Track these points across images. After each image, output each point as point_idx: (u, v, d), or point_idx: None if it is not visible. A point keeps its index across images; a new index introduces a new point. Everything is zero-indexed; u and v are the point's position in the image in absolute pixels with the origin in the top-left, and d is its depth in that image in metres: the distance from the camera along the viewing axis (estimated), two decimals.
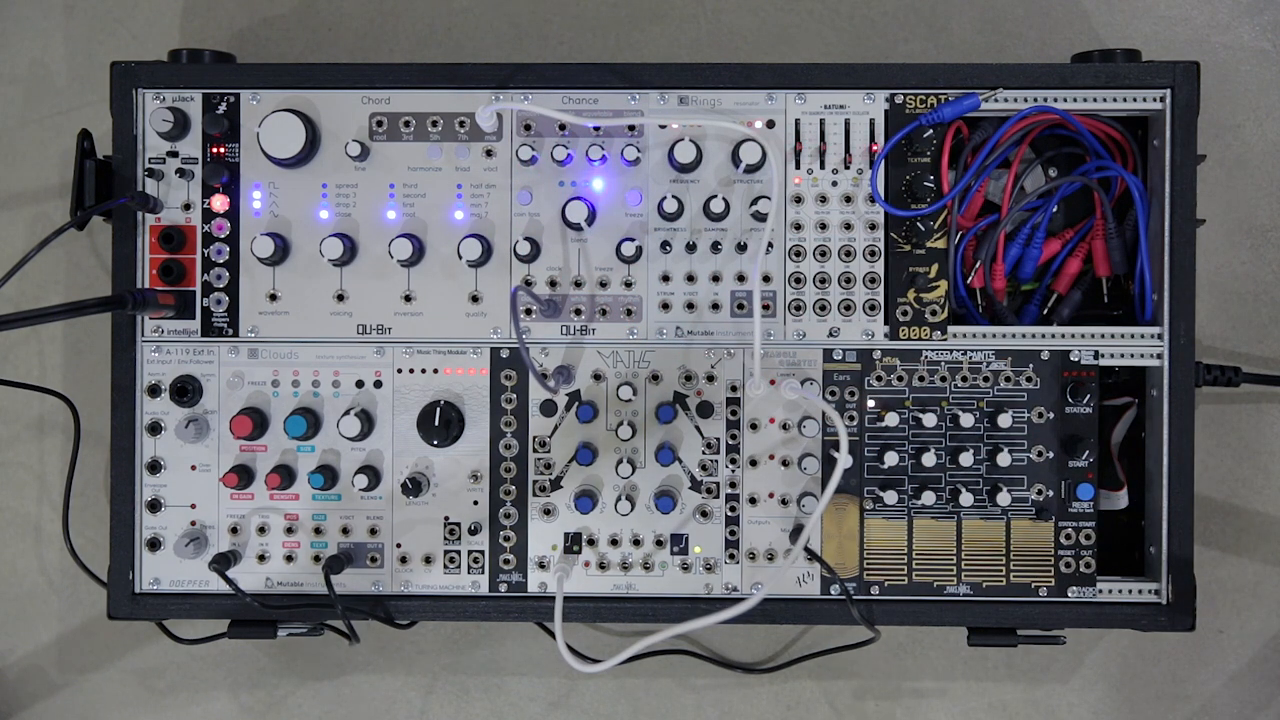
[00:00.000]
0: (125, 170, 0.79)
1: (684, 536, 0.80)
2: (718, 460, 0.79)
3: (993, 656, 0.91)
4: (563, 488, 0.79)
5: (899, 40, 0.92)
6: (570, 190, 0.79)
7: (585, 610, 0.79)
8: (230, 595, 0.78)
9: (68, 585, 0.92)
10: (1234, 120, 0.91)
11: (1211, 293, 0.91)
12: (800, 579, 0.79)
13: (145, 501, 0.80)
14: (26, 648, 0.93)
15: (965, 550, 0.79)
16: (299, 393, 0.80)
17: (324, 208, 0.79)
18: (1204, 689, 0.91)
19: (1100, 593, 0.78)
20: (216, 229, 0.79)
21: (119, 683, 0.92)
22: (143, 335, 0.79)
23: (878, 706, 0.91)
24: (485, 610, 0.79)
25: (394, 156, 0.79)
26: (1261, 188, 0.91)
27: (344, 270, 0.79)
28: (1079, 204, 0.82)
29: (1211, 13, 0.92)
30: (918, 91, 0.78)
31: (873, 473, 0.79)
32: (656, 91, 0.78)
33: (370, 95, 0.79)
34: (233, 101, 0.79)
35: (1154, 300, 0.78)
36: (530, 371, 0.78)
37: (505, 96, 0.78)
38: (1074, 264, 0.81)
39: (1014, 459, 0.78)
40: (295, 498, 0.80)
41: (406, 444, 0.79)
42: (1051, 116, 0.78)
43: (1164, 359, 0.77)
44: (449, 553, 0.80)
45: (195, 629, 0.85)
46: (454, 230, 0.79)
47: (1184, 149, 0.77)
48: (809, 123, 0.79)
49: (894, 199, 0.79)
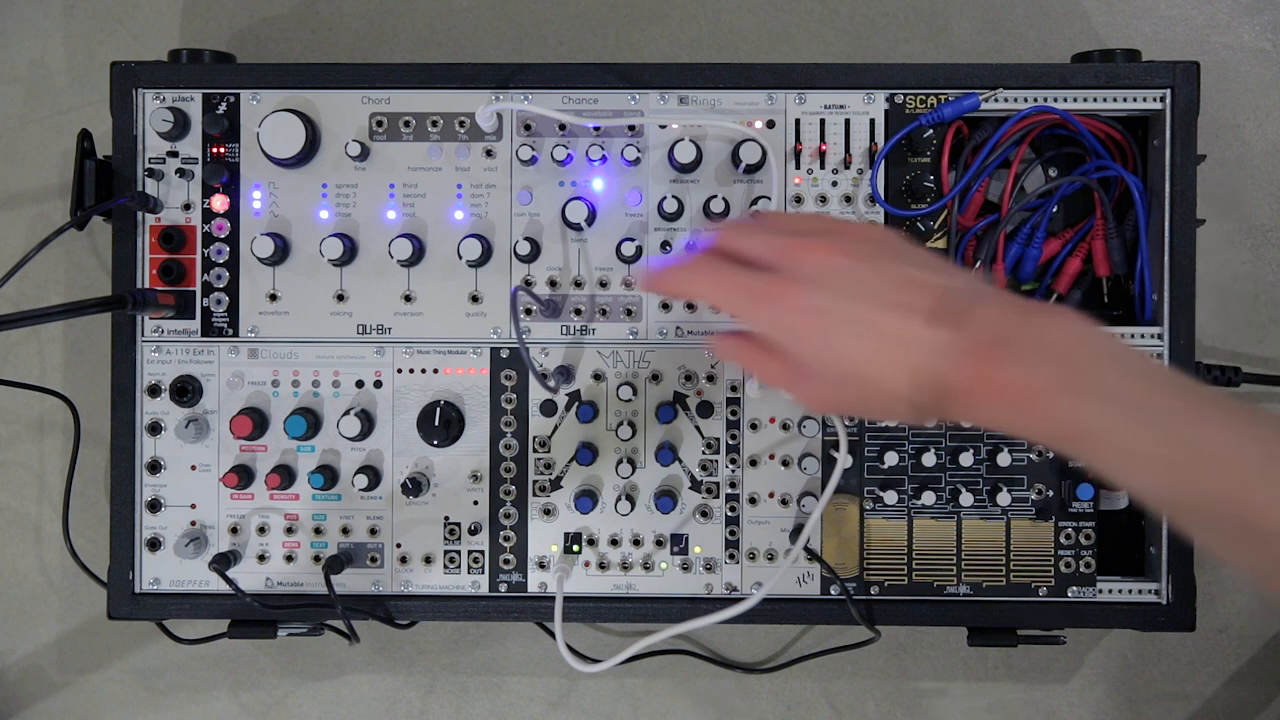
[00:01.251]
0: (125, 170, 0.79)
1: (684, 536, 0.80)
2: (718, 460, 0.79)
3: (993, 656, 0.91)
4: (563, 488, 0.79)
5: (899, 40, 0.92)
6: (570, 190, 0.79)
7: (585, 610, 0.79)
8: (230, 595, 0.78)
9: (68, 585, 0.92)
10: (1234, 120, 0.91)
11: (1211, 293, 0.91)
12: (800, 579, 0.79)
13: (145, 501, 0.80)
14: (26, 648, 0.93)
15: (965, 550, 0.79)
16: (299, 393, 0.80)
17: (324, 208, 0.79)
18: (1204, 689, 0.91)
19: (1100, 593, 0.79)
20: (216, 229, 0.79)
21: (119, 683, 0.92)
22: (143, 335, 0.79)
23: (878, 706, 0.91)
24: (485, 610, 0.79)
25: (394, 156, 0.79)
26: (1261, 188, 0.91)
27: (344, 270, 0.79)
28: (1079, 204, 0.82)
29: (1211, 13, 0.92)
30: (918, 91, 0.78)
31: (873, 473, 0.79)
32: (656, 91, 0.79)
33: (370, 95, 0.79)
34: (233, 101, 0.79)
35: (1154, 300, 0.78)
36: (530, 371, 0.78)
37: (505, 96, 0.78)
38: (1074, 264, 0.81)
39: (1014, 459, 0.78)
40: (295, 498, 0.80)
41: (406, 444, 0.79)
42: (1051, 116, 0.78)
43: (1164, 359, 0.77)
44: (449, 553, 0.80)
45: (195, 629, 0.85)
46: (454, 230, 0.79)
47: (1184, 149, 0.77)
48: (809, 123, 0.79)
49: (894, 199, 0.79)
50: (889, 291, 0.55)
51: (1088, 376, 0.50)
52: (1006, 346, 0.51)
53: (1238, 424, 0.48)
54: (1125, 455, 0.49)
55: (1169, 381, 0.50)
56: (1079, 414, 0.49)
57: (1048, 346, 0.51)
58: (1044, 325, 0.51)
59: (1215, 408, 0.48)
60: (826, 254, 0.57)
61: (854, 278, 0.56)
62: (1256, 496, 0.46)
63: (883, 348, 0.54)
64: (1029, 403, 0.50)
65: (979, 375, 0.51)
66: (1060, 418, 0.50)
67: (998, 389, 0.51)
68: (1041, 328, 0.51)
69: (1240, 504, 0.47)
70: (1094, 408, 0.49)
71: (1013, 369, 0.51)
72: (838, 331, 0.55)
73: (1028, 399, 0.50)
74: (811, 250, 0.57)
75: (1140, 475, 0.49)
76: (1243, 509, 0.47)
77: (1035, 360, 0.50)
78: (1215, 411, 0.48)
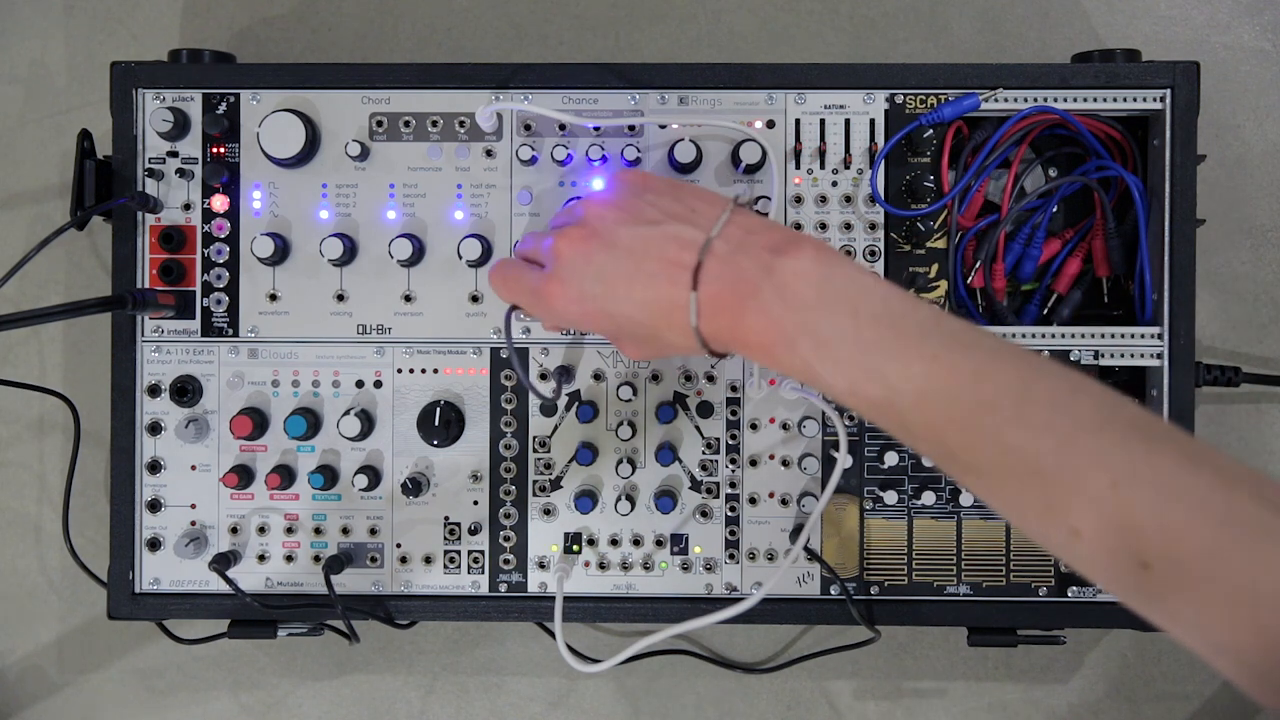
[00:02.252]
0: (125, 170, 0.79)
1: (684, 536, 0.80)
2: (718, 460, 0.79)
3: (993, 656, 0.91)
4: (563, 488, 0.79)
5: (899, 40, 0.92)
6: (570, 190, 0.79)
7: (585, 610, 0.79)
8: (230, 595, 0.78)
9: (68, 585, 0.92)
10: (1234, 120, 0.91)
11: (1211, 293, 0.91)
12: (800, 579, 0.79)
13: (145, 501, 0.80)
14: (26, 648, 0.93)
15: (965, 550, 0.79)
16: (299, 393, 0.80)
17: (324, 208, 0.79)
18: (1204, 689, 0.91)
19: (1100, 592, 0.79)
20: (216, 229, 0.79)
21: (119, 683, 0.92)
22: (143, 335, 0.79)
23: (878, 706, 0.91)
24: (485, 610, 0.79)
25: (394, 156, 0.79)
26: (1261, 188, 0.91)
27: (344, 270, 0.79)
28: (1079, 204, 0.82)
29: (1211, 13, 0.92)
30: (918, 91, 0.78)
31: (873, 473, 0.79)
32: (656, 91, 0.79)
33: (370, 95, 0.79)
34: (233, 101, 0.79)
35: (1154, 300, 0.78)
36: (529, 389, 0.73)
37: (505, 96, 0.78)
38: (1074, 264, 0.81)
39: None
40: (295, 498, 0.80)
41: (406, 444, 0.79)
42: (1052, 116, 0.78)
43: (1164, 359, 0.77)
44: (449, 553, 0.80)
45: (195, 629, 0.85)
46: (454, 230, 0.79)
47: (1184, 149, 0.77)
48: (809, 123, 0.79)
49: (894, 199, 0.79)
50: (644, 264, 0.59)
51: (812, 320, 0.54)
52: (754, 297, 0.56)
53: (944, 358, 0.52)
54: (840, 398, 0.54)
55: (890, 320, 0.53)
56: (802, 361, 0.55)
57: (787, 295, 0.55)
58: (783, 268, 0.55)
59: (926, 343, 0.52)
60: (577, 243, 0.62)
61: (604, 261, 0.61)
62: (949, 432, 0.51)
63: (658, 317, 0.59)
64: (771, 350, 0.56)
65: (733, 325, 0.57)
66: (793, 364, 0.55)
67: (749, 336, 0.56)
68: (781, 270, 0.55)
69: (944, 443, 0.51)
70: (810, 353, 0.54)
71: (756, 318, 0.56)
72: (611, 309, 0.61)
73: (772, 346, 0.56)
74: (565, 242, 0.63)
75: (863, 413, 0.54)
76: (948, 448, 0.51)
77: (774, 306, 0.55)
78: (923, 348, 0.52)
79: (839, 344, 0.53)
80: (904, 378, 0.52)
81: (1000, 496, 0.51)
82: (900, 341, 0.53)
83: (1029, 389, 0.50)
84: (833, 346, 0.53)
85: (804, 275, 0.55)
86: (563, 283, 0.62)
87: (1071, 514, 0.48)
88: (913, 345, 0.52)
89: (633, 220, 0.61)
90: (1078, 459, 0.48)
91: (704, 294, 0.57)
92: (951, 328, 0.54)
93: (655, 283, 0.59)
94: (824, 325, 0.54)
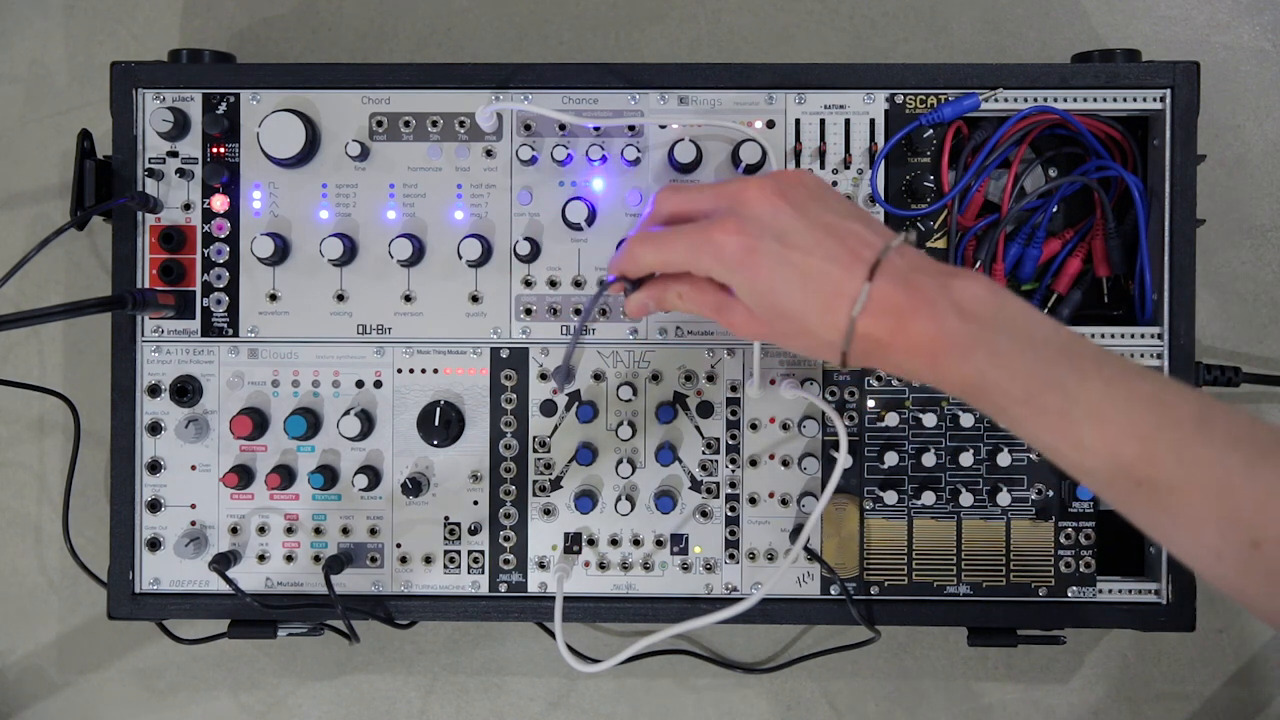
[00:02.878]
0: (125, 170, 0.79)
1: (684, 536, 0.80)
2: (718, 460, 0.79)
3: (993, 656, 0.91)
4: (563, 488, 0.79)
5: (899, 40, 0.92)
6: (570, 190, 0.79)
7: (585, 610, 0.79)
8: (230, 595, 0.78)
9: (68, 585, 0.92)
10: (1234, 120, 0.91)
11: (1211, 293, 0.91)
12: (800, 579, 0.79)
13: (145, 501, 0.80)
14: (26, 648, 0.93)
15: (965, 550, 0.79)
16: (299, 393, 0.80)
17: (324, 208, 0.79)
18: (1204, 689, 0.91)
19: (1100, 593, 0.79)
20: (216, 229, 0.79)
21: (119, 683, 0.92)
22: (143, 335, 0.79)
23: (878, 706, 0.91)
24: (485, 610, 0.79)
25: (394, 156, 0.79)
26: (1261, 188, 0.91)
27: (344, 270, 0.79)
28: (1079, 204, 0.82)
29: (1211, 13, 0.92)
30: (918, 91, 0.78)
31: (873, 473, 0.79)
32: (656, 91, 0.79)
33: (370, 95, 0.79)
34: (233, 101, 0.79)
35: (1154, 300, 0.78)
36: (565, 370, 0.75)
37: (505, 96, 0.78)
38: (1074, 264, 0.81)
39: (1014, 459, 0.78)
40: (295, 498, 0.80)
41: (406, 444, 0.79)
42: (1052, 116, 0.78)
43: (1164, 359, 0.77)
44: (449, 553, 0.80)
45: (195, 629, 0.85)
46: (454, 230, 0.79)
47: (1184, 149, 0.77)
48: (809, 123, 0.79)
49: (894, 199, 0.79)
50: (825, 243, 0.58)
51: (989, 336, 0.55)
52: (928, 306, 0.56)
53: (1120, 381, 0.53)
54: (1011, 405, 0.54)
55: (1061, 344, 0.55)
56: (975, 369, 0.55)
57: (961, 308, 0.55)
58: (959, 288, 0.56)
59: (1103, 367, 0.53)
60: (770, 195, 0.60)
61: (791, 223, 0.59)
62: (1130, 447, 0.51)
63: (818, 296, 0.58)
64: (938, 356, 0.55)
65: (898, 327, 0.56)
66: (964, 371, 0.55)
67: (914, 339, 0.56)
68: (957, 290, 0.56)
69: (1120, 456, 0.51)
70: (985, 363, 0.54)
71: (927, 323, 0.55)
72: (775, 272, 0.59)
73: (938, 353, 0.55)
74: (757, 190, 0.61)
75: (1024, 426, 0.54)
76: (1123, 461, 0.51)
77: (948, 319, 0.55)
78: (1100, 370, 0.53)
79: (1016, 356, 0.54)
80: (1083, 389, 0.52)
81: (1171, 511, 0.51)
82: (1075, 362, 0.54)
83: (1207, 409, 0.51)
84: (1010, 358, 0.54)
85: (980, 299, 0.56)
86: (741, 222, 0.60)
87: (1257, 528, 0.49)
88: (1090, 366, 0.53)
89: (823, 208, 0.60)
90: (1270, 476, 0.49)
91: (877, 288, 0.56)
92: (1121, 359, 0.55)
93: (832, 263, 0.58)
94: (1001, 341, 0.54)
